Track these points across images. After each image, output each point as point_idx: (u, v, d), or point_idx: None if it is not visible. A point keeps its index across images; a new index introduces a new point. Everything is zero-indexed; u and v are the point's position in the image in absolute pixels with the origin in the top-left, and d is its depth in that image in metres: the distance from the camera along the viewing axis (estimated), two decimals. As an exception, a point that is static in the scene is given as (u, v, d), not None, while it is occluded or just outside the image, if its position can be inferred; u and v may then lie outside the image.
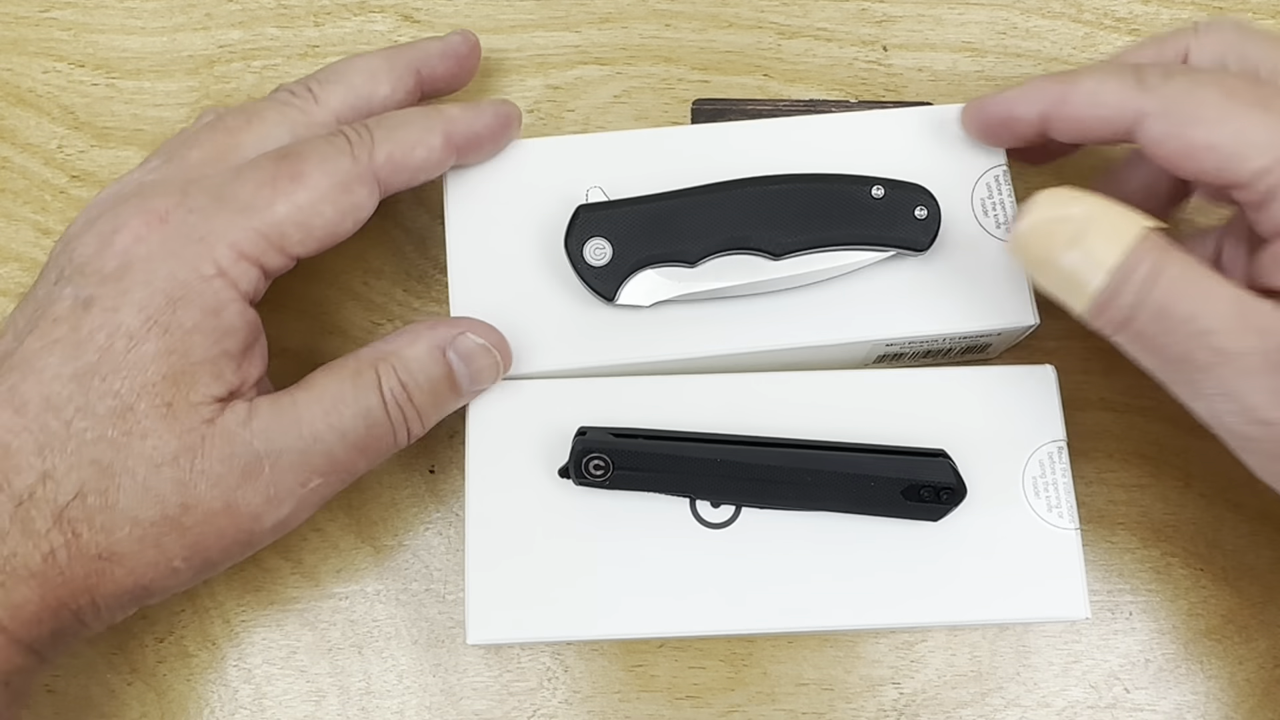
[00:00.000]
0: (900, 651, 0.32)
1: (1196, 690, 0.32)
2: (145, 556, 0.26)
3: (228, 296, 0.27)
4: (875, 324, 0.30)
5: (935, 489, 0.28)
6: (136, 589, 0.26)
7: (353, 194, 0.28)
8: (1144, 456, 0.34)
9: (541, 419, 0.29)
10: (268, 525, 0.27)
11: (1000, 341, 0.32)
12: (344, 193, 0.28)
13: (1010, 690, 0.32)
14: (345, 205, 0.28)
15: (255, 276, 0.27)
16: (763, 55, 0.37)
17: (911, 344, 0.31)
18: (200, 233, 0.27)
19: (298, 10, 0.37)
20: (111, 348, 0.26)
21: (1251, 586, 0.33)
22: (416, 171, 0.29)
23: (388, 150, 0.29)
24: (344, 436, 0.27)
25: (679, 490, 0.29)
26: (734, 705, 0.32)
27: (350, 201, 0.28)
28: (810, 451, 0.29)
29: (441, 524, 0.33)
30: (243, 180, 0.28)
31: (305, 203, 0.27)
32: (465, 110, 0.30)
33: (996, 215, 0.31)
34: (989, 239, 0.31)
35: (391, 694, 0.31)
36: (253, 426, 0.26)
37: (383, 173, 0.29)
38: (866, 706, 0.32)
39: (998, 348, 0.33)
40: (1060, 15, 0.38)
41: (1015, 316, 0.30)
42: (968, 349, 0.32)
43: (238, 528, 0.26)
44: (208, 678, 0.31)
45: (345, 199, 0.28)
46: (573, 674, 0.32)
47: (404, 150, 0.29)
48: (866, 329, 0.30)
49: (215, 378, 0.26)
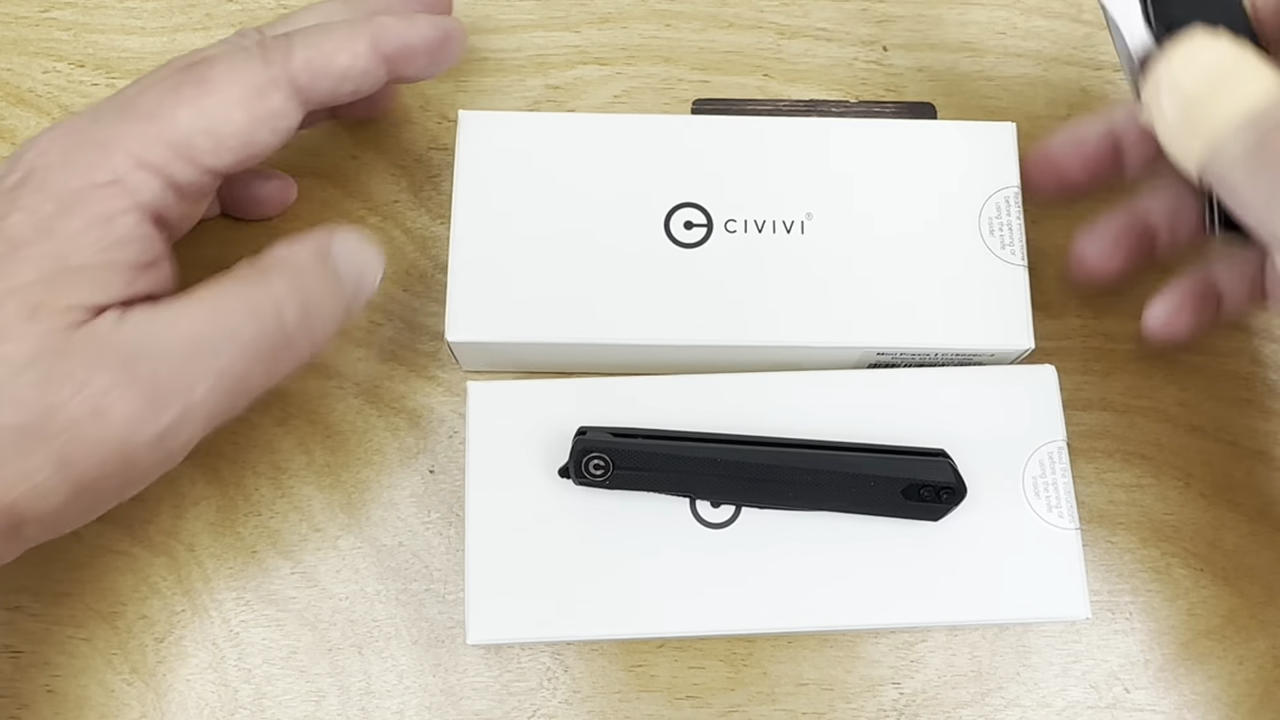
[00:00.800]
0: (900, 651, 0.32)
1: (1196, 690, 0.32)
2: (9, 467, 0.24)
3: (121, 205, 0.25)
4: (869, 332, 0.30)
5: (935, 489, 0.28)
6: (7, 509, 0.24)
7: (267, 100, 0.27)
8: (1144, 456, 0.34)
9: (541, 419, 0.29)
10: (147, 436, 0.25)
11: (993, 361, 0.32)
12: (257, 98, 0.26)
13: (1010, 690, 0.32)
14: (259, 112, 0.27)
15: (158, 188, 0.26)
16: (763, 55, 0.37)
17: (904, 354, 0.31)
18: (99, 140, 0.26)
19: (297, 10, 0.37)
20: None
21: (1251, 586, 0.33)
22: (341, 80, 0.28)
23: (306, 55, 0.27)
24: (231, 339, 0.26)
25: (679, 490, 0.29)
26: (734, 705, 0.32)
27: (265, 108, 0.27)
28: (810, 451, 0.29)
29: (441, 524, 0.33)
30: (147, 90, 0.27)
31: (212, 108, 0.26)
32: (398, 19, 0.29)
33: (1003, 235, 0.31)
34: (993, 259, 0.31)
35: (391, 694, 0.31)
36: (125, 330, 0.25)
37: (301, 79, 0.27)
38: (866, 706, 0.32)
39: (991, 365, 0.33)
40: (1060, 15, 0.38)
41: (1012, 339, 0.30)
42: (962, 364, 0.32)
43: (111, 438, 0.24)
44: (208, 678, 0.31)
45: (259, 105, 0.27)
46: (573, 674, 0.32)
47: (324, 56, 0.27)
48: (860, 336, 0.30)
49: (97, 286, 0.25)
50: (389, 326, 0.34)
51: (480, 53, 0.37)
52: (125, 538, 0.32)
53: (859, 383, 0.30)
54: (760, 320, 0.30)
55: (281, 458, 0.33)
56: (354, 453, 0.33)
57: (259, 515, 0.33)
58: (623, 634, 0.28)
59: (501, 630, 0.28)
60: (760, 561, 0.29)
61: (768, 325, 0.30)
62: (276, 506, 0.33)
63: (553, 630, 0.28)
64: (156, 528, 0.32)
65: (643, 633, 0.28)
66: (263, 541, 0.32)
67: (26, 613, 0.32)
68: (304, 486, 0.33)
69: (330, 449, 0.33)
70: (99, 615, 0.32)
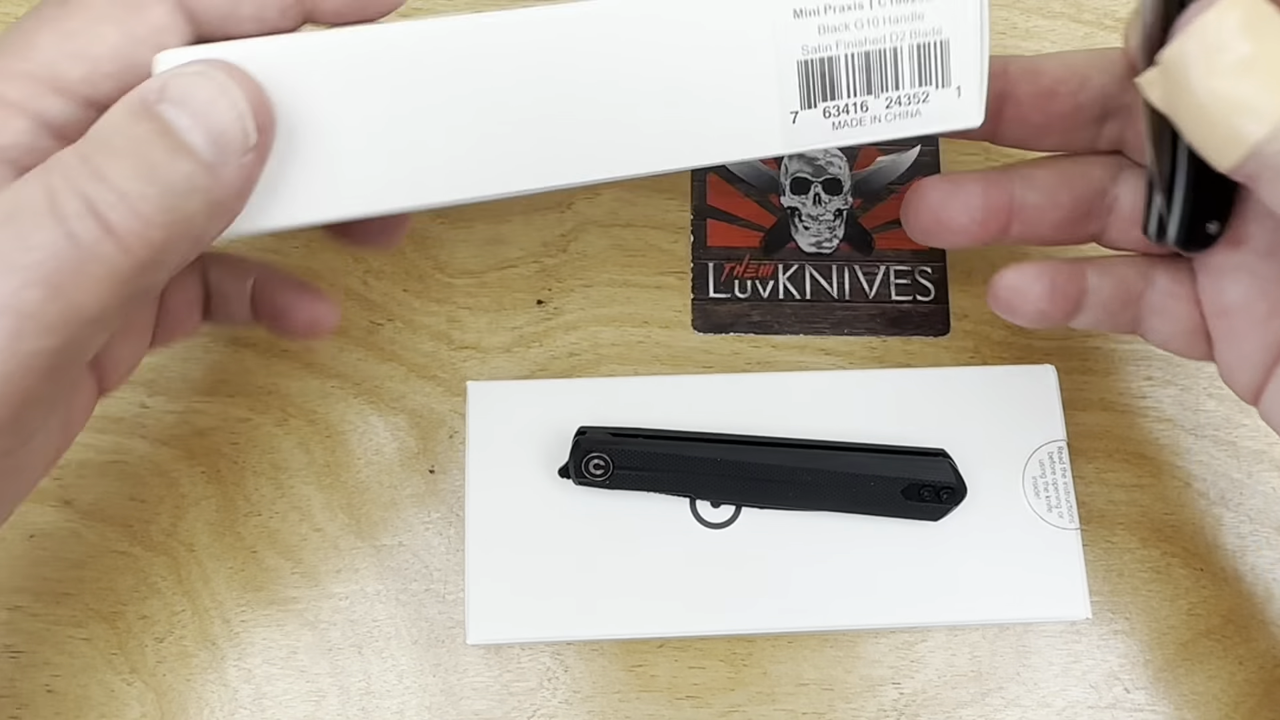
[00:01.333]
0: (900, 651, 0.32)
1: (1196, 690, 0.32)
2: None
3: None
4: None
5: (935, 489, 0.28)
6: None
7: (144, 13, 0.22)
8: (1144, 456, 0.34)
9: (541, 419, 0.29)
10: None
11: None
12: (129, 11, 0.22)
13: (1010, 690, 0.32)
14: (137, 29, 0.22)
15: (22, 128, 0.22)
16: (763, 55, 0.37)
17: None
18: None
19: (298, 10, 0.37)
20: None
21: (1251, 586, 0.33)
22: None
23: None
24: (41, 264, 0.20)
25: (679, 490, 0.29)
26: (734, 705, 0.32)
27: (144, 23, 0.22)
28: (810, 451, 0.29)
29: (441, 524, 0.33)
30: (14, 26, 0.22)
31: (78, 28, 0.22)
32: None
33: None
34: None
35: (391, 694, 0.31)
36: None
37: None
38: (867, 706, 0.32)
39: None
40: (1060, 15, 0.38)
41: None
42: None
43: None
44: (208, 678, 0.31)
45: (133, 19, 0.22)
46: (573, 674, 0.32)
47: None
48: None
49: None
50: (389, 327, 0.34)
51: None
52: (125, 538, 0.32)
53: (859, 383, 0.30)
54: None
55: (281, 458, 0.33)
56: (354, 453, 0.33)
57: (259, 515, 0.33)
58: (623, 634, 0.28)
59: (501, 630, 0.28)
60: (760, 561, 0.29)
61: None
62: (276, 506, 0.33)
63: (552, 630, 0.28)
64: (156, 528, 0.32)
65: (643, 633, 0.28)
66: (263, 541, 0.32)
67: (26, 612, 0.32)
68: (304, 486, 0.33)
69: (330, 449, 0.33)
70: (99, 615, 0.32)
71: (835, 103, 0.24)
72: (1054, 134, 0.28)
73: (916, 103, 0.24)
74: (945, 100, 0.24)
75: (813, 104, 0.24)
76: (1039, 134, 0.29)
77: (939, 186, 0.29)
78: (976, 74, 0.24)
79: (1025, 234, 0.29)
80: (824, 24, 0.23)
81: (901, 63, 0.24)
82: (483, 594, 0.28)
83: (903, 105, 0.24)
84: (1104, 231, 0.29)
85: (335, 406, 0.33)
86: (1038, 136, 0.29)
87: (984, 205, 0.28)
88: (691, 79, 0.23)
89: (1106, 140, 0.28)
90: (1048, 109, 0.28)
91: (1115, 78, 0.27)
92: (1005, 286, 0.28)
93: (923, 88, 0.24)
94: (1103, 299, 0.28)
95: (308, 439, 0.33)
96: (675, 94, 0.23)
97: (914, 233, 0.29)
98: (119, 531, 0.32)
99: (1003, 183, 0.29)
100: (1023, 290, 0.28)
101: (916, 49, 0.24)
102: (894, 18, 0.24)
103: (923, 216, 0.29)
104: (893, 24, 0.24)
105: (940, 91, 0.24)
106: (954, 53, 0.24)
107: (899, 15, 0.24)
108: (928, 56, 0.24)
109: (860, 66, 0.24)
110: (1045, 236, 0.29)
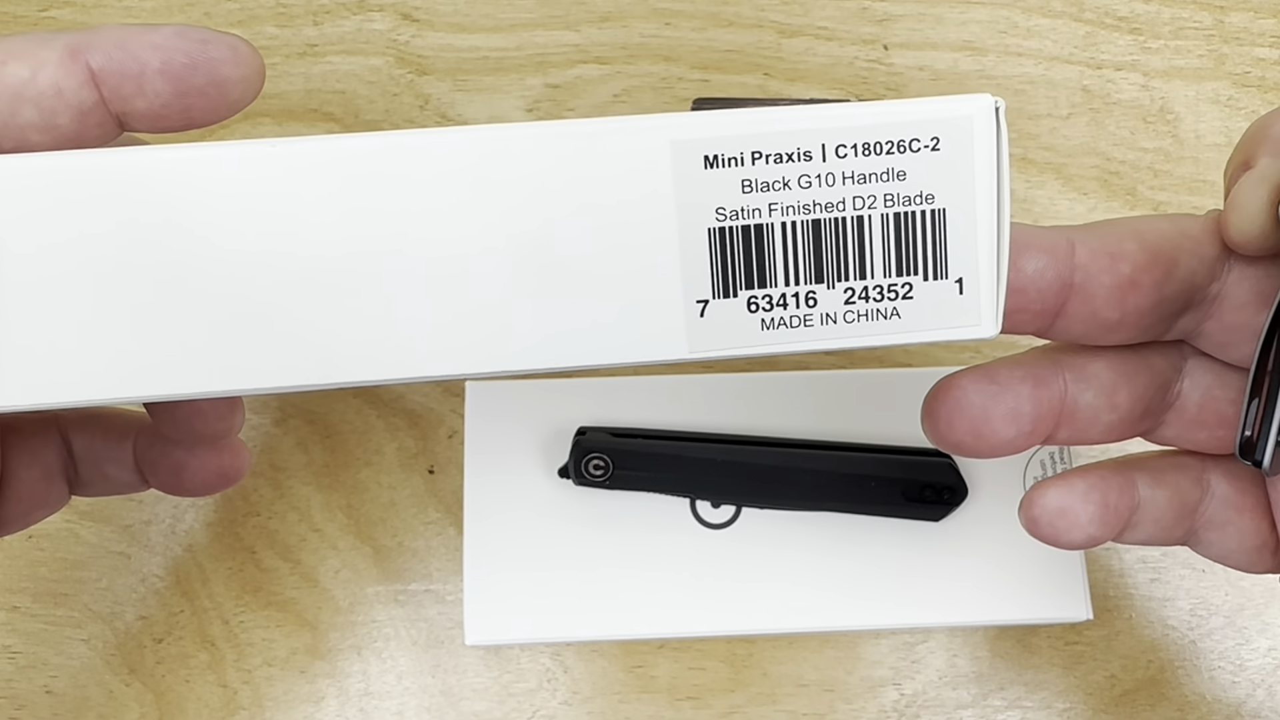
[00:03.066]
0: (901, 652, 0.32)
1: (1197, 690, 0.32)
2: None
3: None
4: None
5: (937, 489, 0.28)
6: None
7: None
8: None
9: (541, 419, 0.29)
10: None
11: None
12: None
13: (1011, 691, 0.32)
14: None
15: None
16: (763, 54, 0.37)
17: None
18: None
19: (297, 9, 0.37)
20: None
21: (1252, 587, 0.33)
22: (14, 98, 0.18)
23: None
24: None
25: (679, 490, 0.29)
26: (734, 706, 0.32)
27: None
28: (810, 451, 0.29)
29: (441, 524, 0.33)
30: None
31: None
32: (128, 27, 0.20)
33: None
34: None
35: (391, 695, 0.31)
36: None
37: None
38: (867, 707, 0.32)
39: None
40: (1061, 14, 0.38)
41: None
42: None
43: None
44: (207, 678, 0.31)
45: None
46: (573, 675, 0.32)
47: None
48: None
49: None
50: (388, 326, 0.34)
51: (480, 51, 0.37)
52: (125, 538, 0.32)
53: (859, 383, 0.30)
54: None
55: (281, 458, 0.33)
56: (353, 453, 0.33)
57: (258, 515, 0.32)
58: (622, 635, 0.28)
59: (500, 631, 0.28)
60: (760, 561, 0.29)
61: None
62: (275, 507, 0.33)
63: (552, 631, 0.28)
64: (156, 528, 0.32)
65: (643, 633, 0.28)
66: (261, 542, 0.32)
67: (25, 613, 0.32)
68: (303, 487, 0.33)
69: (330, 449, 0.33)
70: (98, 615, 0.32)
71: (765, 291, 0.17)
72: (1123, 331, 0.22)
73: (893, 298, 0.17)
74: (939, 297, 0.17)
75: (730, 291, 0.17)
76: (1106, 333, 0.21)
77: (980, 388, 0.22)
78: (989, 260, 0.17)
79: (1071, 438, 0.23)
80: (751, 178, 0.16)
81: (870, 239, 0.17)
82: (482, 594, 0.28)
83: (871, 301, 0.17)
84: (1156, 429, 0.23)
85: (335, 406, 0.33)
86: (1102, 335, 0.22)
87: (1034, 413, 0.22)
88: (561, 253, 0.16)
89: (1178, 332, 0.22)
90: (1125, 303, 0.21)
91: (1204, 261, 0.21)
92: (1048, 509, 0.22)
93: (903, 277, 0.17)
94: (1155, 514, 0.23)
95: (307, 439, 0.33)
96: (535, 273, 0.16)
97: (943, 443, 0.22)
98: (118, 532, 0.32)
99: (1052, 380, 0.22)
100: (1070, 513, 0.22)
101: (894, 220, 0.17)
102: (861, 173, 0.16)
103: (957, 429, 0.22)
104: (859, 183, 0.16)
105: (931, 285, 0.17)
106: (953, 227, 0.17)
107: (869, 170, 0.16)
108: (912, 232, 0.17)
109: (806, 242, 0.17)
110: (1092, 439, 0.23)
